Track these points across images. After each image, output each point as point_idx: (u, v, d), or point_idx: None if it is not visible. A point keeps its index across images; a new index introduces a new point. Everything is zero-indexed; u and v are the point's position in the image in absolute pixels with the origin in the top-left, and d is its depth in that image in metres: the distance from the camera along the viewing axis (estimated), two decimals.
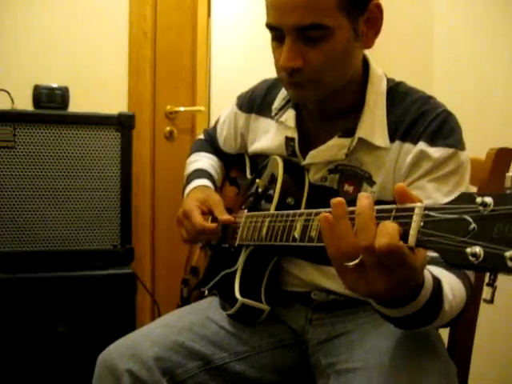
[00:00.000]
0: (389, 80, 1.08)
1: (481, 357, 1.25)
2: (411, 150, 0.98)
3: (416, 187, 0.96)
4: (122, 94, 2.20)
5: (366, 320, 1.03)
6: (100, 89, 2.15)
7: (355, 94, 1.05)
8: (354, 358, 0.96)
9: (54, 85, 1.90)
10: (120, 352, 1.04)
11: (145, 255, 2.25)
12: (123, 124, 1.84)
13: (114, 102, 2.13)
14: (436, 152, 0.96)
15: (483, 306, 1.13)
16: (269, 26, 0.98)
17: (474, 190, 1.12)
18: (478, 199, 0.58)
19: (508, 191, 0.57)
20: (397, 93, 1.05)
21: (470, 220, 0.58)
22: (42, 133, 1.77)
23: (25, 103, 1.89)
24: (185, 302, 1.34)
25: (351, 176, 1.04)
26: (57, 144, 1.78)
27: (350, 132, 1.03)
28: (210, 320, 1.12)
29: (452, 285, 0.84)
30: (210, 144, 1.43)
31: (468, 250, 0.57)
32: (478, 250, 0.56)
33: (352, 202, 1.00)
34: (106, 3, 2.17)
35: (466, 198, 0.60)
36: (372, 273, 0.65)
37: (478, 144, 1.12)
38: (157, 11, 2.27)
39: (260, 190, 1.16)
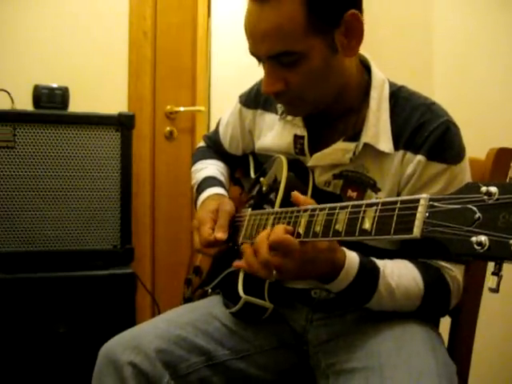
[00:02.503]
0: (391, 84, 1.08)
1: (481, 357, 1.25)
2: (412, 160, 1.00)
3: None
4: (122, 94, 2.21)
5: (366, 320, 1.03)
6: (100, 89, 2.15)
7: (357, 97, 1.06)
8: (353, 358, 0.96)
9: (54, 85, 1.90)
10: (122, 344, 1.04)
11: (145, 255, 2.25)
12: (123, 124, 1.84)
13: (113, 102, 2.13)
14: (431, 167, 0.99)
15: (483, 307, 1.13)
16: (250, 53, 1.02)
17: None
18: (483, 188, 0.58)
19: None
20: (399, 98, 1.05)
21: (475, 209, 0.59)
22: (42, 133, 1.77)
23: (25, 103, 1.89)
24: (187, 302, 1.33)
25: (355, 182, 1.05)
26: (57, 144, 1.78)
27: (354, 136, 1.04)
28: (212, 316, 1.12)
29: (402, 275, 0.97)
30: (214, 149, 1.42)
31: (473, 238, 0.58)
32: (483, 238, 0.57)
33: None
34: (106, 3, 2.17)
35: (470, 188, 0.60)
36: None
37: (478, 144, 1.12)
38: (157, 11, 2.27)
39: (264, 188, 1.16)
